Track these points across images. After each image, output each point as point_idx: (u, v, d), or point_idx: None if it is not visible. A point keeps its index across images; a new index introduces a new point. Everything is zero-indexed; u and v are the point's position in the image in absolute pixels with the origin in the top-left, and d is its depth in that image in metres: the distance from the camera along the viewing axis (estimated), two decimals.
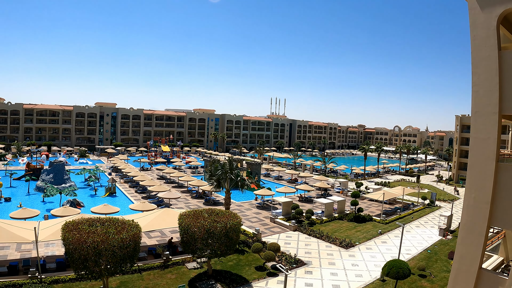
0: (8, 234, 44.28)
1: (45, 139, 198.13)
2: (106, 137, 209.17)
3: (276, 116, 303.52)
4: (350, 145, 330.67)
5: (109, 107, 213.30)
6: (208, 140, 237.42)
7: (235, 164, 63.88)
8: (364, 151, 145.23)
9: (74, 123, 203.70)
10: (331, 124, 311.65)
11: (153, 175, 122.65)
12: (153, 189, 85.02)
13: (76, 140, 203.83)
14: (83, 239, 32.75)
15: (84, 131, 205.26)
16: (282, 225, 68.62)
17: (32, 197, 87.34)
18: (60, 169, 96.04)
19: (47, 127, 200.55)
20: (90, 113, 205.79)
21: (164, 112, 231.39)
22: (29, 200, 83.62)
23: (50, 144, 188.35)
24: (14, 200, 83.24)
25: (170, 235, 58.72)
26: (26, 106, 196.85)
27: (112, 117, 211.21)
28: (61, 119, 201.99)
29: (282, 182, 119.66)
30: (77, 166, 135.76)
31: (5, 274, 42.93)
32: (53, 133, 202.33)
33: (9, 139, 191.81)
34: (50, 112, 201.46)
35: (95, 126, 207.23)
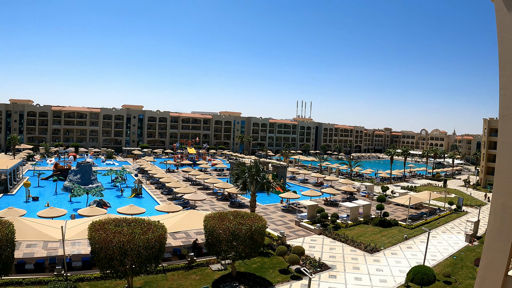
0: (35, 232, 44.99)
1: (72, 140, 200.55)
2: (132, 139, 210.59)
3: (302, 119, 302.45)
4: (376, 149, 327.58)
5: (136, 109, 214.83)
6: (234, 142, 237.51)
7: (261, 167, 63.60)
8: (391, 154, 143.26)
9: (102, 125, 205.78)
10: (357, 127, 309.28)
11: (179, 177, 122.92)
12: (179, 191, 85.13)
13: (103, 142, 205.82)
14: (109, 238, 32.99)
15: (111, 133, 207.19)
16: (307, 228, 68.08)
17: (60, 197, 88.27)
18: (87, 170, 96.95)
19: (75, 128, 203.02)
20: (117, 116, 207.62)
21: (190, 115, 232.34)
22: (57, 200, 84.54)
23: (78, 145, 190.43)
24: (42, 199, 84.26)
25: (195, 236, 58.59)
26: (54, 108, 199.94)
27: (138, 119, 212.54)
28: (88, 121, 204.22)
29: (308, 185, 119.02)
30: (104, 167, 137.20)
31: (31, 271, 43.56)
32: (81, 134, 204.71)
33: (37, 140, 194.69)
34: (78, 114, 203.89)
35: (122, 128, 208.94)
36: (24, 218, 49.41)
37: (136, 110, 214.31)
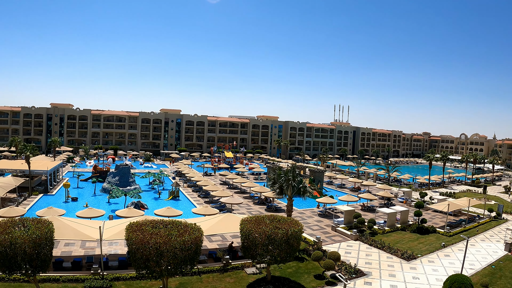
0: (74, 231, 45.79)
1: (111, 143, 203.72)
2: (170, 143, 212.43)
3: (340, 123, 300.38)
4: (414, 154, 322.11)
5: (174, 113, 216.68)
6: (271, 146, 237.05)
7: (298, 171, 63.10)
8: (429, 159, 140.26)
9: (140, 128, 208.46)
10: (395, 132, 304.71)
11: (216, 180, 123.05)
12: (215, 194, 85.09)
13: (141, 145, 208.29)
14: (146, 239, 33.10)
15: (149, 136, 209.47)
16: (343, 234, 67.10)
17: (98, 198, 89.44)
18: (125, 172, 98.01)
19: (114, 132, 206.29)
20: (156, 119, 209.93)
21: (228, 119, 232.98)
22: (95, 201, 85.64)
23: (117, 148, 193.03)
24: (81, 200, 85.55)
25: (231, 239, 58.30)
26: (94, 112, 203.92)
27: (176, 123, 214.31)
28: (127, 125, 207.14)
29: (345, 190, 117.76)
30: (142, 170, 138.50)
31: (69, 269, 44.34)
32: (120, 138, 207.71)
33: (77, 142, 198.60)
34: (117, 118, 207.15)
35: (160, 131, 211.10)
36: (63, 218, 50.29)
37: (174, 114, 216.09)
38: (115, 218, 62.37)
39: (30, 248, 32.50)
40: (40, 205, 77.97)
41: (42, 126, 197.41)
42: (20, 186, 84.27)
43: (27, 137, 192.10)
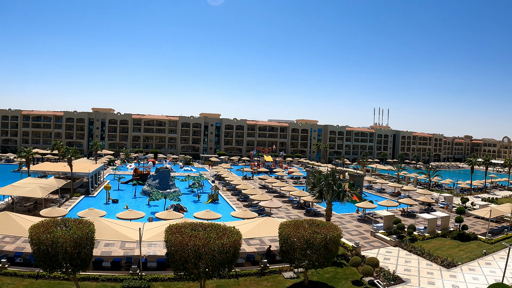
0: (114, 232, 46.60)
1: (152, 147, 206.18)
2: (210, 146, 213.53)
3: (379, 126, 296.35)
4: (456, 158, 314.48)
5: (213, 117, 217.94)
6: (310, 150, 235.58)
7: (338, 176, 62.30)
8: (471, 164, 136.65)
9: (180, 132, 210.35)
10: (436, 135, 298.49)
11: (255, 184, 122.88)
12: (254, 198, 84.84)
13: (181, 149, 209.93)
14: (185, 242, 33.16)
15: (189, 140, 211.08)
16: (383, 239, 65.88)
17: (138, 200, 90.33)
18: (165, 175, 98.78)
19: (154, 136, 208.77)
20: (195, 123, 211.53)
21: (267, 123, 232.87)
22: (135, 203, 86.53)
23: (157, 151, 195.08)
24: (121, 202, 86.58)
25: (269, 243, 57.80)
26: (134, 116, 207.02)
27: (216, 127, 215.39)
28: (167, 129, 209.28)
29: (385, 195, 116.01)
30: (181, 173, 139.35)
31: (108, 268, 45.14)
32: (160, 141, 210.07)
33: (118, 146, 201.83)
34: (157, 122, 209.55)
35: (199, 135, 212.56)
36: (104, 219, 51.31)
37: (213, 118, 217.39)
38: (154, 220, 62.88)
39: (71, 247, 33.14)
40: (81, 206, 79.37)
41: (84, 130, 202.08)
42: (62, 188, 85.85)
43: (70, 141, 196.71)
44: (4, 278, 41.66)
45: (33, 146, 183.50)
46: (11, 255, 48.16)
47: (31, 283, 40.76)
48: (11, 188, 75.85)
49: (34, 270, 42.92)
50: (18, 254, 48.77)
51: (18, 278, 41.74)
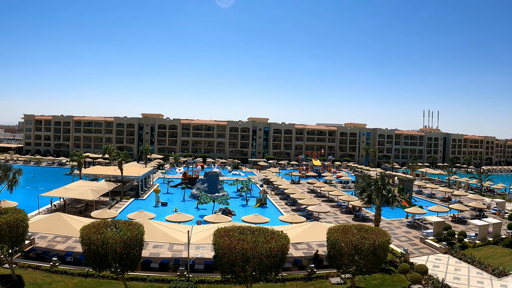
0: (163, 234, 47.38)
1: (200, 151, 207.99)
2: (258, 151, 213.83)
3: (429, 129, 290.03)
4: (508, 161, 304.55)
5: (262, 122, 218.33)
6: (359, 154, 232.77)
7: (387, 180, 61.15)
8: None
9: (228, 137, 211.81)
10: (488, 138, 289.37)
11: (304, 188, 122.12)
12: (303, 202, 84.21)
13: (229, 153, 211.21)
14: (233, 245, 33.09)
15: (237, 144, 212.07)
16: (432, 246, 64.01)
17: (187, 204, 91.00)
18: (214, 179, 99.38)
19: (203, 140, 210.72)
20: (243, 128, 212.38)
21: (315, 127, 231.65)
22: (184, 206, 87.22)
23: (205, 156, 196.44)
24: (170, 205, 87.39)
25: (316, 248, 57.15)
26: (183, 121, 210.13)
27: (264, 132, 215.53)
28: (215, 133, 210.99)
29: (435, 200, 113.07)
30: (230, 177, 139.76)
31: (156, 269, 46.02)
32: (208, 146, 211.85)
33: (167, 150, 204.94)
34: (206, 127, 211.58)
35: (248, 140, 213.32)
36: (153, 221, 51.91)
37: (261, 122, 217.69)
38: (203, 223, 63.07)
39: (120, 248, 33.66)
40: (131, 208, 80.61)
41: (134, 135, 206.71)
42: (112, 191, 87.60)
43: (120, 145, 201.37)
44: (54, 276, 43.17)
45: (84, 150, 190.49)
46: (62, 254, 49.92)
47: (80, 281, 42.05)
48: (63, 190, 78.14)
49: (83, 269, 44.19)
50: (68, 253, 50.42)
51: (68, 276, 43.21)
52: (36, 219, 52.75)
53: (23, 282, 41.52)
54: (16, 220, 39.21)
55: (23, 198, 79.89)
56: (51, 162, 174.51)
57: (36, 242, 55.78)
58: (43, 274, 43.70)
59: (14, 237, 39.23)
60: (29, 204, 73.01)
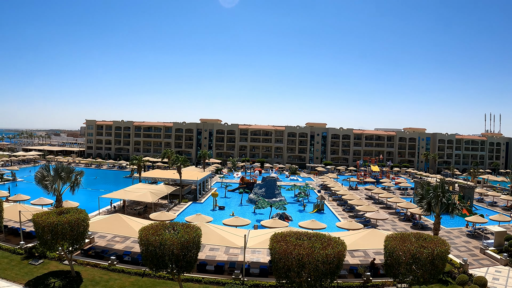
0: (219, 238, 47.68)
1: (258, 156, 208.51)
2: (316, 156, 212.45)
3: (491, 134, 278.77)
4: None
5: (319, 127, 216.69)
6: (418, 160, 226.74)
7: (447, 187, 59.37)
8: None
9: (286, 142, 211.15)
10: None
11: (362, 194, 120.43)
12: (360, 209, 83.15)
13: (287, 158, 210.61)
14: (289, 250, 33.07)
15: (295, 149, 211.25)
16: (492, 257, 61.34)
17: (244, 208, 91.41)
18: (271, 184, 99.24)
19: (261, 145, 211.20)
20: (301, 133, 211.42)
21: (374, 132, 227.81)
22: (241, 210, 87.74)
23: (263, 161, 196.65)
24: (227, 209, 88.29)
25: (373, 256, 56.10)
26: (241, 126, 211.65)
27: (322, 137, 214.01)
28: (273, 138, 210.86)
29: (496, 209, 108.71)
30: (287, 182, 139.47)
31: (211, 272, 46.54)
32: (266, 151, 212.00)
33: (225, 155, 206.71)
34: (264, 132, 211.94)
35: (305, 145, 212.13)
36: (210, 225, 52.37)
37: (319, 127, 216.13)
38: (259, 228, 63.17)
39: (177, 250, 34.19)
40: (189, 211, 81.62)
41: (192, 139, 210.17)
42: (171, 194, 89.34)
43: (179, 150, 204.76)
44: (112, 274, 44.75)
45: (144, 154, 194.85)
46: (120, 253, 51.59)
47: (137, 280, 43.32)
48: (123, 192, 79.91)
49: (140, 268, 45.57)
50: (126, 253, 51.90)
51: (125, 274, 44.72)
52: (97, 219, 54.43)
53: (81, 278, 43.15)
54: (78, 219, 40.84)
55: (84, 199, 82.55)
56: (112, 165, 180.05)
57: (95, 241, 57.66)
58: (101, 271, 45.37)
59: (75, 236, 40.92)
60: (89, 205, 75.37)
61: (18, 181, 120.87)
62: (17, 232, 59.32)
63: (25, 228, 60.04)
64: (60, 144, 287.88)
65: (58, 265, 47.49)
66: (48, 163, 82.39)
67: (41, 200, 71.68)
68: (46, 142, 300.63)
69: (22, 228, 56.57)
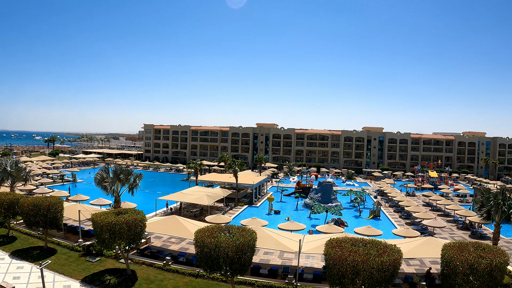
0: (274, 242, 47.96)
1: (314, 160, 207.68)
2: (373, 161, 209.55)
3: None
4: None
5: (376, 131, 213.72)
6: (478, 166, 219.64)
7: (508, 194, 57.24)
8: None
9: (342, 146, 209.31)
10: None
11: (419, 201, 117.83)
12: (417, 216, 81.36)
13: (343, 163, 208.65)
14: (344, 256, 32.80)
15: (351, 154, 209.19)
16: None
17: (299, 213, 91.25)
18: (328, 189, 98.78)
19: (317, 150, 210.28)
20: (358, 138, 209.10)
21: (432, 136, 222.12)
22: (296, 215, 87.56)
23: (319, 165, 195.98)
24: (283, 213, 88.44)
25: (429, 265, 54.60)
26: (297, 131, 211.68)
27: (379, 141, 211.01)
28: (330, 143, 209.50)
29: None
30: (343, 188, 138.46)
31: (265, 275, 46.76)
32: (322, 155, 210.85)
33: (281, 159, 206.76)
34: (320, 136, 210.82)
35: (362, 150, 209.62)
36: (265, 228, 52.68)
37: (376, 132, 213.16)
38: (315, 233, 63.08)
39: (232, 253, 34.54)
40: (244, 215, 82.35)
41: (248, 144, 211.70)
42: (227, 197, 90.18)
43: (235, 154, 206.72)
44: (166, 274, 45.72)
45: (200, 158, 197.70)
46: (175, 254, 52.76)
47: (190, 280, 43.98)
48: (180, 195, 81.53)
49: (195, 269, 46.24)
50: (181, 254, 53.03)
51: (180, 275, 45.50)
52: (153, 220, 55.88)
53: (136, 276, 44.35)
54: (135, 220, 41.99)
55: (142, 200, 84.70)
56: (169, 168, 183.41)
57: (151, 241, 59.03)
58: (155, 271, 46.49)
59: (132, 236, 42.19)
60: (147, 206, 77.23)
61: (78, 182, 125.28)
62: (76, 230, 61.87)
63: (84, 226, 62.53)
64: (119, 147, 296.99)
65: (114, 263, 49.04)
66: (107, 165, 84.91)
67: (100, 201, 74.13)
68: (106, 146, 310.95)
69: (81, 227, 58.94)
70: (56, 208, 51.80)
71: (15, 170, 72.92)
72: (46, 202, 51.33)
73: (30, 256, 50.40)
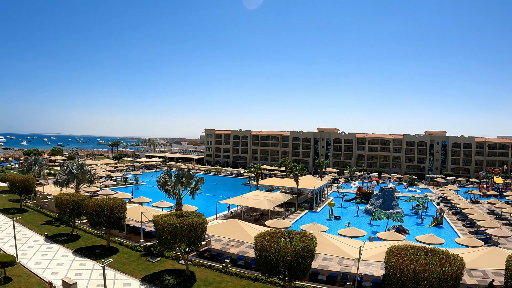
0: (333, 248, 47.82)
1: (376, 166, 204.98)
2: (435, 166, 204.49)
3: None
4: None
5: (439, 135, 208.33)
6: None
7: None
8: None
9: (404, 151, 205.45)
10: None
11: (483, 209, 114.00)
12: (482, 224, 78.66)
13: (405, 168, 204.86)
14: (405, 265, 32.27)
15: (413, 159, 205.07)
16: None
17: (360, 219, 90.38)
18: (389, 195, 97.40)
19: (378, 154, 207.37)
20: (420, 142, 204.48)
21: (497, 140, 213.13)
22: (357, 221, 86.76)
23: (381, 170, 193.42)
24: (343, 219, 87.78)
25: (492, 277, 52.68)
26: (358, 135, 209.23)
27: (442, 146, 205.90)
28: (391, 148, 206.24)
29: None
30: (405, 194, 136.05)
31: (323, 282, 46.37)
32: (384, 160, 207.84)
33: (342, 164, 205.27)
34: (381, 141, 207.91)
35: (424, 154, 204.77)
36: (325, 234, 52.74)
37: (439, 136, 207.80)
38: (375, 240, 62.56)
39: (291, 257, 34.68)
40: (304, 220, 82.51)
41: (309, 148, 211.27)
42: (287, 202, 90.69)
43: (295, 158, 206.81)
44: (225, 276, 46.43)
45: (261, 163, 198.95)
46: (234, 257, 53.71)
47: (248, 284, 44.46)
48: (241, 199, 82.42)
49: (253, 273, 46.65)
50: (241, 257, 53.85)
51: (238, 278, 46.06)
52: (214, 223, 56.84)
53: (195, 278, 45.36)
54: (196, 222, 43.12)
55: (202, 203, 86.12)
56: (230, 172, 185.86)
57: (211, 244, 60.24)
58: (214, 273, 47.28)
59: (192, 238, 43.26)
60: (207, 209, 78.70)
61: (140, 185, 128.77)
62: (138, 231, 63.81)
63: (145, 228, 64.43)
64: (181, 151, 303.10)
65: (174, 264, 50.40)
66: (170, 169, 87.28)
67: (161, 203, 75.93)
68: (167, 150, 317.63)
69: (142, 228, 60.73)
70: (119, 209, 53.85)
71: (81, 172, 76.49)
72: (110, 203, 53.41)
73: (93, 254, 52.83)
